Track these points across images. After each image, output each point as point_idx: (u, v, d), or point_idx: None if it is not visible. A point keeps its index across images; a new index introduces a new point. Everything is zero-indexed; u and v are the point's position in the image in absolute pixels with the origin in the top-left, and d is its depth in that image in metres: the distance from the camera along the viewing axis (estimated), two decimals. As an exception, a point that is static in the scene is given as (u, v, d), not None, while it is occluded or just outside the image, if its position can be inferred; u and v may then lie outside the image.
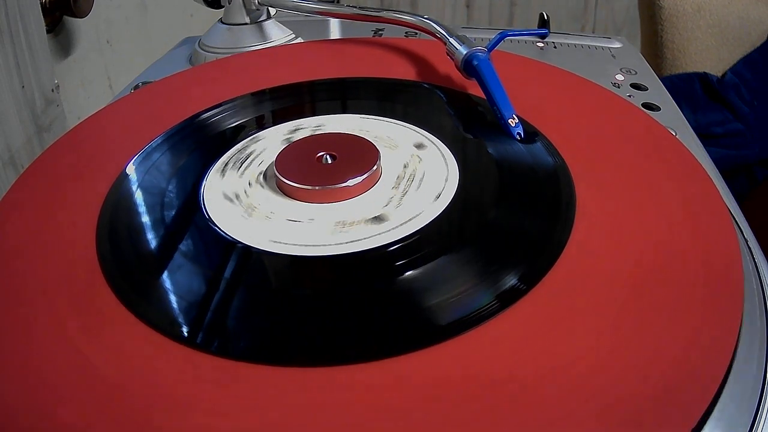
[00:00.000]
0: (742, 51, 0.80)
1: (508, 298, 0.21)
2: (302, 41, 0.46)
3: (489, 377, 0.18)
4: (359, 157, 0.27)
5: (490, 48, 0.33)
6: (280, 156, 0.28)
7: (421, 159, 0.28)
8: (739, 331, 0.20)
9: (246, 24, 0.45)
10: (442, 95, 0.33)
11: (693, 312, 0.20)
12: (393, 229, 0.24)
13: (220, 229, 0.25)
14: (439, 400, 0.18)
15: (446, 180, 0.27)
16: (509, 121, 0.29)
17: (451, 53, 0.34)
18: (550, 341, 0.19)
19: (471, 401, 0.18)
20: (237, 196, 0.26)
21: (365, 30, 0.48)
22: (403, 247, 0.23)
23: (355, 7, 0.41)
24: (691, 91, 0.79)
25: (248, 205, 0.26)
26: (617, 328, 0.20)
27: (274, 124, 0.32)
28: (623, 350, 0.19)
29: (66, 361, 0.20)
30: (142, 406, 0.18)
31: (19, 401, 0.19)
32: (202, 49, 0.45)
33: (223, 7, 0.46)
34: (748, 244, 0.26)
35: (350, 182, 0.26)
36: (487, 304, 0.20)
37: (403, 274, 0.22)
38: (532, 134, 0.29)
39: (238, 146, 0.30)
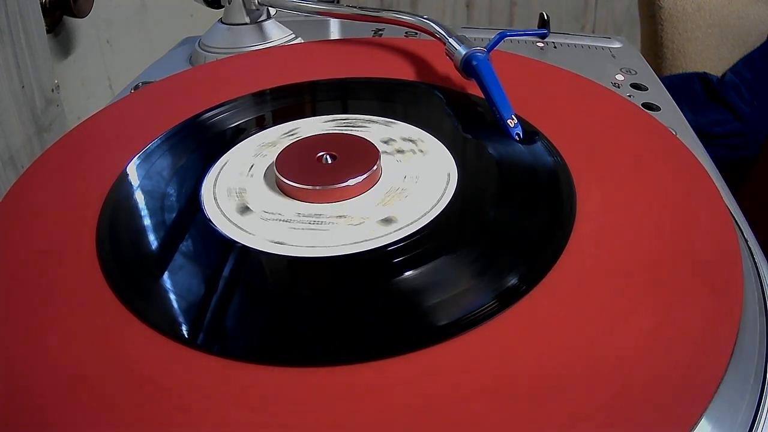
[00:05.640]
0: (742, 51, 0.80)
1: (507, 299, 0.21)
2: (302, 41, 0.46)
3: (489, 378, 0.18)
4: (359, 157, 0.27)
5: (490, 48, 0.33)
6: (280, 156, 0.28)
7: (420, 159, 0.28)
8: (739, 330, 0.20)
9: (246, 24, 0.45)
10: (441, 95, 0.33)
11: (692, 311, 0.20)
12: (392, 229, 0.24)
13: (219, 229, 0.25)
14: (438, 400, 0.18)
15: (446, 180, 0.27)
16: (508, 121, 0.29)
17: (450, 53, 0.34)
18: (549, 342, 0.19)
19: (470, 401, 0.18)
20: (238, 197, 0.26)
21: (365, 30, 0.48)
22: (403, 247, 0.23)
23: (355, 7, 0.41)
24: (691, 91, 0.79)
25: (247, 204, 0.26)
26: (616, 328, 0.20)
27: (274, 124, 0.32)
28: (622, 350, 0.19)
29: (66, 361, 0.20)
30: (142, 406, 0.18)
31: (17, 402, 0.19)
32: (202, 49, 0.45)
33: (223, 7, 0.46)
34: (748, 244, 0.26)
35: (350, 182, 0.26)
36: (486, 305, 0.20)
37: (403, 275, 0.22)
38: (531, 134, 0.29)
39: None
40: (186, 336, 0.20)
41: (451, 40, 0.34)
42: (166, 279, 0.23)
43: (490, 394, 0.18)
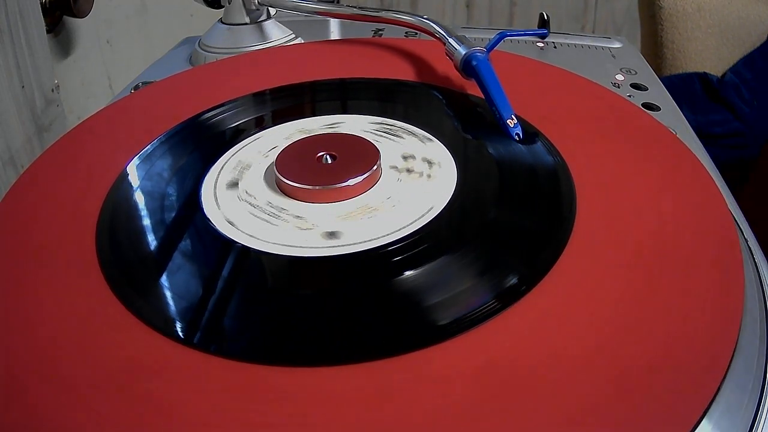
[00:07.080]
0: (742, 51, 0.80)
1: (507, 298, 0.21)
2: (302, 41, 0.46)
3: (488, 377, 0.18)
4: (359, 156, 0.27)
5: (489, 48, 0.33)
6: (281, 156, 0.28)
7: (420, 160, 0.28)
8: (739, 330, 0.20)
9: (246, 24, 0.45)
10: (441, 96, 0.33)
11: (693, 312, 0.20)
12: (392, 229, 0.24)
13: (219, 229, 0.25)
14: (438, 399, 0.18)
15: (446, 180, 0.27)
16: (508, 121, 0.29)
17: (450, 53, 0.34)
18: (549, 342, 0.19)
19: (470, 401, 0.18)
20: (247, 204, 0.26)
21: (365, 30, 0.48)
22: (403, 247, 0.23)
23: (355, 7, 0.41)
24: (691, 91, 0.79)
25: (250, 205, 0.26)
26: (617, 328, 0.20)
27: (274, 124, 0.32)
28: (623, 350, 0.19)
29: (66, 361, 0.20)
30: (142, 406, 0.18)
31: (20, 402, 0.19)
32: (202, 49, 0.45)
33: (223, 7, 0.46)
34: (748, 244, 0.26)
35: (350, 182, 0.26)
36: (486, 304, 0.20)
37: (402, 274, 0.22)
38: (531, 134, 0.29)
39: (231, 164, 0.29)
40: (185, 336, 0.20)
41: (450, 40, 0.34)
42: (166, 279, 0.23)
43: (490, 394, 0.18)
